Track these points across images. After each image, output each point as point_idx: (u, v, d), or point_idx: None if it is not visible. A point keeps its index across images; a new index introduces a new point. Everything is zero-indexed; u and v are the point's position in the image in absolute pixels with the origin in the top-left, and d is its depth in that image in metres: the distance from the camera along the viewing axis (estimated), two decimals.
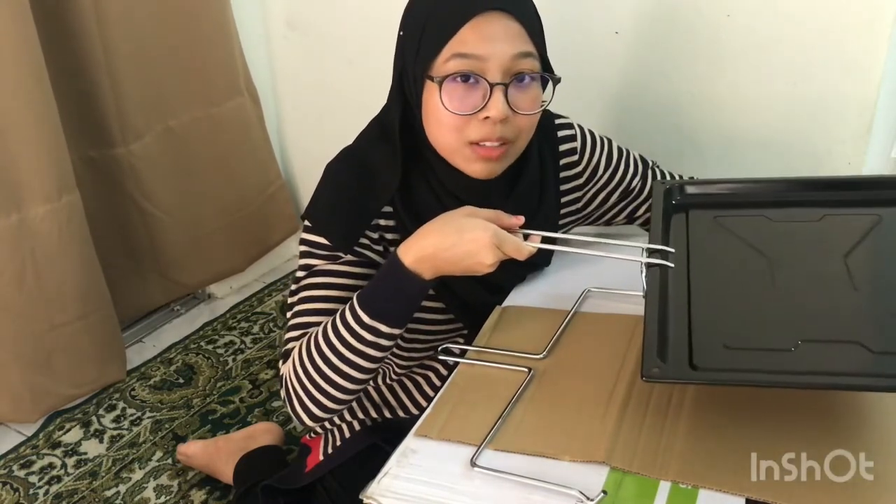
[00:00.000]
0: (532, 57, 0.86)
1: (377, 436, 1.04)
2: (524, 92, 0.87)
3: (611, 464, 0.70)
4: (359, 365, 0.86)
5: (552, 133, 1.01)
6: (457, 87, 0.85)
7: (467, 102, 0.85)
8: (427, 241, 0.81)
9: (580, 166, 1.03)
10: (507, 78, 0.85)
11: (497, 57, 0.84)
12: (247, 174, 1.87)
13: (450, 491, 0.70)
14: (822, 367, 0.67)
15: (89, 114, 1.57)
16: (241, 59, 1.80)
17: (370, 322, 0.84)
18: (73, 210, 1.48)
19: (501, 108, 0.84)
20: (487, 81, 0.84)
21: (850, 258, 0.79)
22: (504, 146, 0.88)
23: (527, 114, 0.87)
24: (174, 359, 1.73)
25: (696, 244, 0.85)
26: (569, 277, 1.01)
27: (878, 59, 1.15)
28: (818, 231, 0.86)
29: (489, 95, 0.84)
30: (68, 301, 1.51)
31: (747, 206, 0.92)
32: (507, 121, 0.86)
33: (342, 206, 0.93)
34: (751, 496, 0.65)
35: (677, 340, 0.71)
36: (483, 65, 0.84)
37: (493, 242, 0.79)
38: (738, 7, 1.22)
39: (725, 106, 1.31)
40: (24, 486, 1.42)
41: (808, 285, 0.77)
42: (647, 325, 0.71)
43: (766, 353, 0.70)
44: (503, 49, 0.84)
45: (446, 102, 0.85)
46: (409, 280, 0.82)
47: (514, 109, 0.86)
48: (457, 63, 0.84)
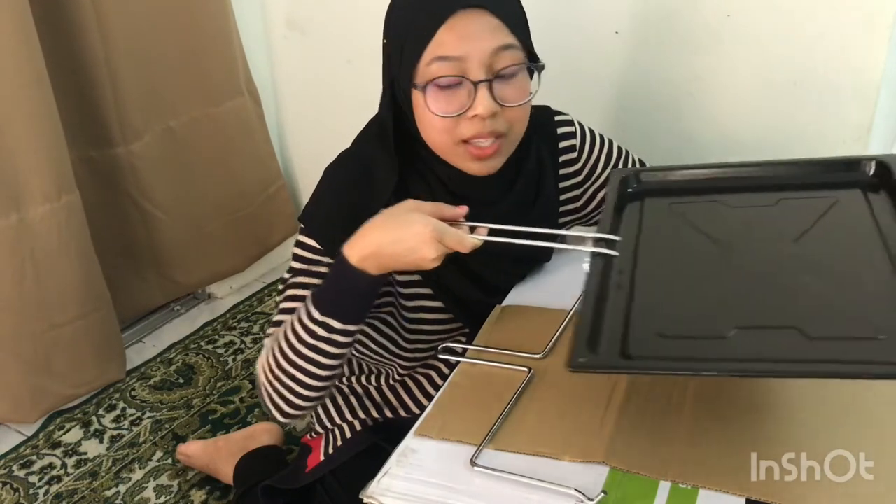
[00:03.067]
0: (513, 48, 0.86)
1: (378, 435, 1.04)
2: (510, 84, 0.87)
3: (611, 464, 0.70)
4: (317, 361, 0.86)
5: (552, 130, 1.01)
6: (441, 90, 0.85)
7: (454, 103, 0.85)
8: (370, 238, 0.81)
9: (579, 163, 1.03)
10: (490, 73, 0.85)
11: (477, 54, 0.83)
12: (247, 174, 1.87)
13: (450, 490, 0.70)
14: (756, 353, 0.65)
15: (89, 113, 1.57)
16: (241, 59, 1.80)
17: (321, 318, 0.84)
18: (72, 210, 1.48)
19: (488, 105, 0.84)
20: (470, 81, 0.84)
21: (800, 242, 0.78)
22: (498, 140, 0.88)
23: (515, 105, 0.87)
24: (174, 359, 1.73)
25: (647, 232, 0.84)
26: (569, 277, 1.01)
27: (878, 59, 1.14)
28: (772, 216, 0.84)
29: (474, 94, 0.85)
30: (68, 301, 1.51)
31: (704, 192, 0.89)
32: (496, 115, 0.86)
33: (339, 210, 0.93)
34: (751, 496, 0.65)
35: (613, 329, 0.70)
36: (464, 64, 0.84)
37: (434, 237, 0.78)
38: (738, 7, 1.22)
39: (725, 106, 1.31)
40: (24, 486, 1.42)
41: (753, 271, 0.76)
42: (582, 314, 0.70)
43: (701, 342, 0.68)
44: (482, 46, 0.84)
45: (432, 106, 0.86)
46: (356, 277, 0.82)
47: (502, 103, 0.86)
48: (438, 67, 0.84)
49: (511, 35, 0.86)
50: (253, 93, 1.85)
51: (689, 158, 1.36)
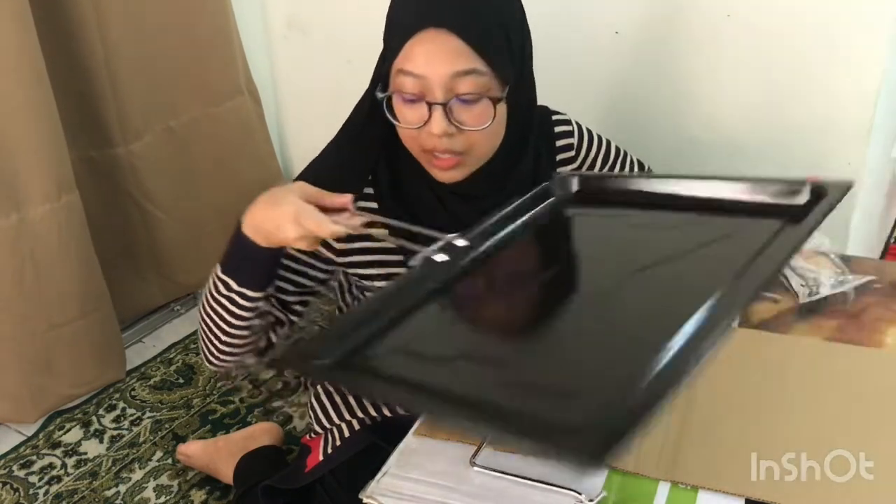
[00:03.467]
0: (475, 74, 0.83)
1: (376, 435, 1.04)
2: (468, 109, 0.85)
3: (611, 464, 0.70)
4: (223, 317, 0.90)
5: (549, 129, 1.01)
6: (405, 103, 0.86)
7: (415, 116, 0.86)
8: (253, 210, 0.85)
9: (576, 163, 1.03)
10: (448, 96, 0.83)
11: (436, 76, 0.83)
12: (247, 174, 1.87)
13: (449, 490, 0.70)
14: (449, 386, 0.60)
15: (89, 113, 1.57)
16: (241, 59, 1.80)
17: (223, 276, 0.89)
18: (72, 210, 1.48)
19: (442, 126, 0.84)
20: (426, 101, 0.84)
21: (640, 275, 0.71)
22: (456, 157, 0.88)
23: (474, 129, 0.86)
24: (174, 359, 1.73)
25: (521, 241, 0.80)
26: None
27: (878, 59, 1.15)
28: (654, 239, 0.78)
29: (429, 113, 0.84)
30: (68, 301, 1.51)
31: (617, 205, 0.85)
32: (453, 136, 0.85)
33: (329, 170, 0.96)
34: (751, 496, 0.65)
35: (364, 334, 0.66)
36: (425, 82, 0.83)
37: (295, 218, 0.79)
38: (738, 7, 1.22)
39: (725, 106, 1.31)
40: (24, 486, 1.42)
41: (550, 299, 0.72)
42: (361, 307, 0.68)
43: (425, 363, 0.65)
44: (441, 69, 0.82)
45: (398, 115, 0.87)
46: (246, 244, 0.86)
47: (459, 126, 0.85)
48: (402, 80, 0.84)
49: (477, 59, 0.83)
50: (253, 93, 1.85)
51: (689, 158, 1.37)
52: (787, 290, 0.94)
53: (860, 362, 0.81)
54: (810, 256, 0.99)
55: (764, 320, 0.90)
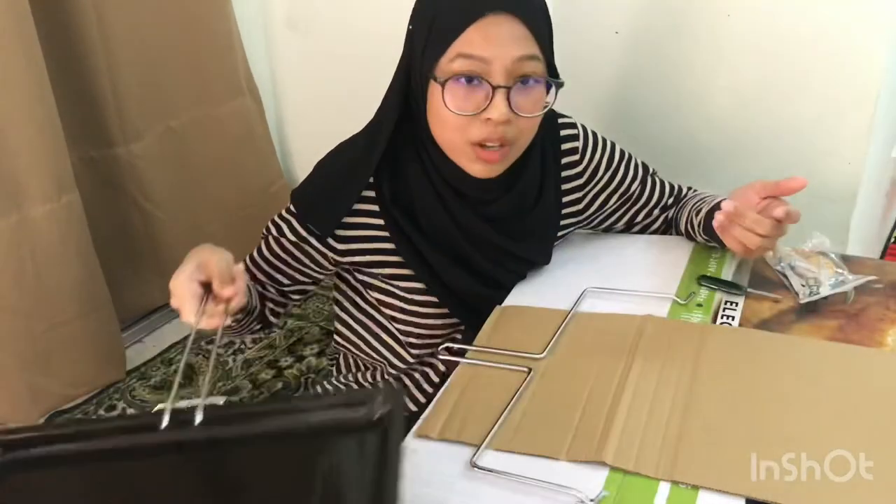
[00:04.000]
0: (536, 60, 0.86)
1: None
2: (527, 94, 0.87)
3: (611, 463, 0.70)
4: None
5: (555, 132, 1.01)
6: (460, 88, 0.86)
7: (470, 103, 0.86)
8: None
9: (581, 166, 1.03)
10: (510, 80, 0.85)
11: (501, 59, 0.84)
12: (248, 174, 1.87)
13: (450, 491, 0.70)
14: None
15: (90, 113, 1.57)
16: (242, 59, 1.80)
17: None
18: (72, 210, 1.48)
19: (503, 111, 0.85)
20: (490, 84, 0.85)
21: None
22: (504, 147, 0.89)
23: (529, 116, 0.88)
24: (174, 359, 1.73)
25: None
26: (568, 277, 1.01)
27: (878, 59, 1.15)
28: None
29: (491, 97, 0.85)
30: (68, 301, 1.51)
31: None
32: (508, 122, 0.86)
33: (324, 193, 0.97)
34: (751, 496, 0.65)
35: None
36: (487, 66, 0.84)
37: (172, 289, 0.83)
38: (738, 7, 1.22)
39: (725, 106, 1.31)
40: None
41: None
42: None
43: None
44: (507, 52, 0.84)
45: (449, 102, 0.86)
46: None
47: (516, 112, 0.86)
48: (461, 64, 0.84)
49: (536, 46, 0.86)
50: (254, 92, 1.85)
51: (689, 158, 1.37)
52: (787, 290, 0.94)
53: (860, 362, 0.81)
54: (810, 256, 0.99)
55: (764, 320, 0.90)
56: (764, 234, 0.86)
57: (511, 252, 0.99)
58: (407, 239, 0.96)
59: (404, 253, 0.96)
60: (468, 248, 0.97)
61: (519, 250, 0.99)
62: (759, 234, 0.86)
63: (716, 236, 0.93)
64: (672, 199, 1.09)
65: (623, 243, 1.09)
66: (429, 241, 0.96)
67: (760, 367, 0.81)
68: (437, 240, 0.96)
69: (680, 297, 0.93)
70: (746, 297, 0.93)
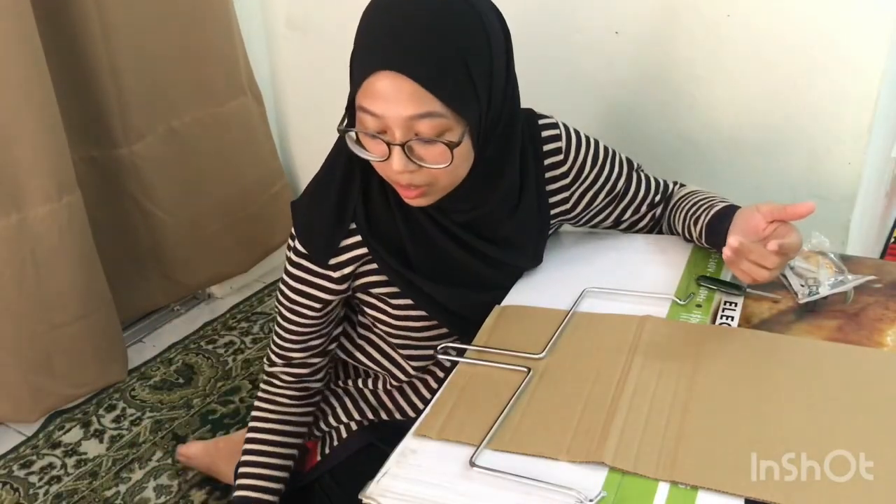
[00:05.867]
0: (432, 116, 0.81)
1: (374, 436, 1.04)
2: (429, 148, 0.84)
3: (610, 464, 0.70)
4: None
5: (536, 134, 1.00)
6: (366, 137, 0.85)
7: (377, 151, 0.85)
8: None
9: (566, 165, 1.02)
10: (407, 136, 0.82)
11: (393, 118, 0.81)
12: (249, 174, 1.87)
13: (449, 491, 0.70)
14: None
15: (91, 113, 1.57)
16: (243, 59, 1.80)
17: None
18: (73, 210, 1.48)
19: (400, 165, 0.83)
20: (385, 141, 0.83)
21: None
22: (420, 188, 0.88)
23: (435, 167, 0.85)
24: (174, 359, 1.73)
25: None
26: (568, 277, 1.01)
27: (878, 59, 1.14)
28: None
29: (389, 152, 0.84)
30: (68, 301, 1.51)
31: None
32: (414, 171, 0.85)
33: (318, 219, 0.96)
34: (751, 496, 0.65)
35: None
36: (385, 122, 0.82)
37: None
38: (738, 7, 1.22)
39: (725, 106, 1.31)
40: (24, 486, 1.42)
41: None
42: None
43: None
44: (397, 111, 0.81)
45: (362, 145, 0.86)
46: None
47: (419, 163, 0.84)
48: (363, 117, 0.84)
49: (434, 100, 0.80)
50: (255, 93, 1.85)
51: (689, 158, 1.37)
52: (786, 290, 0.94)
53: (860, 362, 0.81)
54: (810, 256, 0.99)
55: (764, 320, 0.90)
56: (771, 268, 0.85)
57: (496, 259, 0.98)
58: (389, 263, 0.96)
59: (388, 273, 0.97)
60: (452, 261, 0.96)
61: (504, 256, 0.99)
62: (766, 268, 0.85)
63: (718, 244, 0.93)
64: (659, 196, 1.08)
65: (622, 243, 1.09)
66: (410, 262, 0.96)
67: (760, 368, 0.81)
68: (419, 257, 0.96)
69: (679, 298, 0.93)
70: (745, 298, 0.93)
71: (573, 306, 0.94)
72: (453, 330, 1.01)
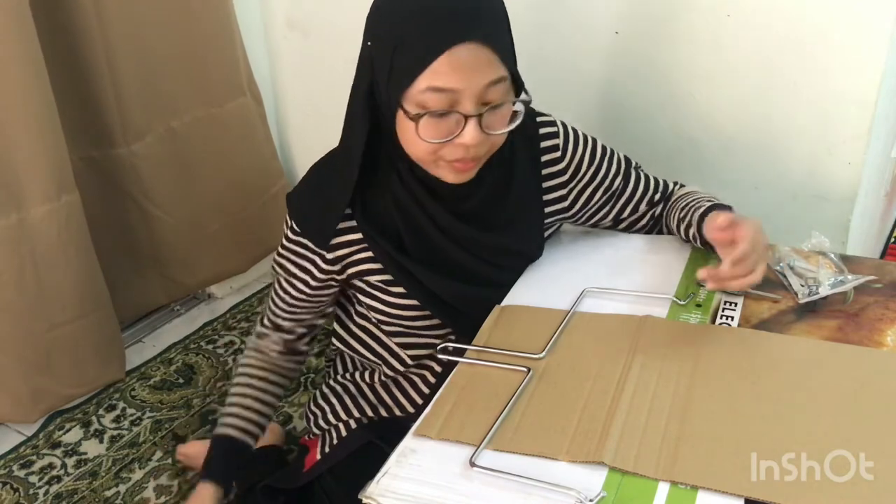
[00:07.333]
0: (504, 81, 0.86)
1: (373, 434, 1.04)
2: (497, 114, 0.87)
3: (610, 464, 0.70)
4: None
5: (533, 130, 1.01)
6: (431, 119, 0.85)
7: (442, 130, 0.85)
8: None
9: (563, 163, 1.02)
10: (480, 106, 0.85)
11: (471, 88, 0.83)
12: (249, 174, 1.87)
13: (449, 491, 0.70)
14: None
15: (91, 113, 1.57)
16: (243, 59, 1.80)
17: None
18: (72, 210, 1.48)
19: (475, 136, 0.85)
20: (461, 114, 0.84)
21: None
22: (478, 159, 0.90)
23: (500, 133, 0.88)
24: (174, 359, 1.73)
25: None
26: (567, 277, 1.01)
27: (878, 59, 1.14)
28: None
29: (463, 124, 0.85)
30: (68, 301, 1.51)
31: None
32: (481, 142, 0.86)
33: (314, 206, 0.99)
34: (751, 496, 0.65)
35: None
36: (457, 97, 0.83)
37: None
38: (738, 7, 1.22)
39: (725, 106, 1.31)
40: (24, 486, 1.42)
41: None
42: None
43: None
44: (477, 80, 0.83)
45: (422, 133, 0.86)
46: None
47: (487, 132, 0.86)
48: (431, 97, 0.83)
49: (502, 66, 0.85)
50: (255, 93, 1.85)
51: (689, 158, 1.37)
52: (786, 290, 0.94)
53: (860, 362, 0.81)
54: (809, 256, 0.99)
55: (764, 320, 0.90)
56: (748, 272, 0.85)
57: (499, 245, 0.99)
58: (384, 250, 0.97)
59: (381, 258, 0.98)
60: (453, 252, 0.97)
61: (506, 242, 1.00)
62: (744, 275, 0.85)
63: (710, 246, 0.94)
64: (658, 195, 1.08)
65: (622, 243, 1.09)
66: (404, 248, 0.97)
67: (760, 368, 0.81)
68: (413, 245, 0.97)
69: (679, 298, 0.93)
70: (745, 298, 0.93)
71: (573, 306, 0.94)
72: (445, 321, 1.01)
